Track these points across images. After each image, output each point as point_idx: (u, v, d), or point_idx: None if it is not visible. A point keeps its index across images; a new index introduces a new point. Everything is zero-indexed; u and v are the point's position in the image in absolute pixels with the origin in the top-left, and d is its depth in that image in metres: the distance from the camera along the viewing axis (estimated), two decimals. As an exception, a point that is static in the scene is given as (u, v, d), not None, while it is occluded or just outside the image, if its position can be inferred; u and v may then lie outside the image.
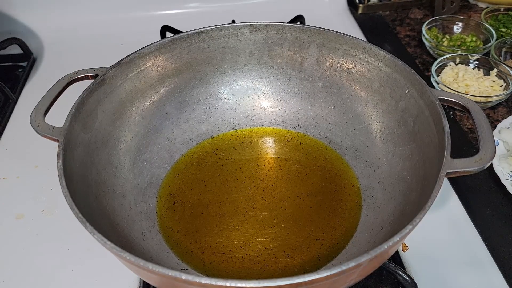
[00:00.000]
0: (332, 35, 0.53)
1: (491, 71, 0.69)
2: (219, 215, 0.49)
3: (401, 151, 0.48)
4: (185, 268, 0.44)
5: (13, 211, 0.55)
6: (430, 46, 0.76)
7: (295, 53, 0.56)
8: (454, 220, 0.52)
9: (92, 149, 0.46)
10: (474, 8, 0.92)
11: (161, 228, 0.48)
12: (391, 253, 0.39)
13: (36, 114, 0.44)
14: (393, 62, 0.49)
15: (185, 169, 0.54)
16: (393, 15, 0.91)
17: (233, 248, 0.46)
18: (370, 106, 0.53)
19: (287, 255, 0.45)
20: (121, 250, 0.32)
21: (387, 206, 0.46)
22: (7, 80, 0.75)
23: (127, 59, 0.50)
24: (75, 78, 0.48)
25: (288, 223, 0.48)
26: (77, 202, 0.36)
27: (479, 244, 0.50)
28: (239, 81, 0.59)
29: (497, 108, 0.67)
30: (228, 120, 0.59)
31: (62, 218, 0.53)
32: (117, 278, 0.47)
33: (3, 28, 0.85)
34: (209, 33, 0.54)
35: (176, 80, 0.56)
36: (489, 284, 0.46)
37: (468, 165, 0.37)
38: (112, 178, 0.48)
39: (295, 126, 0.58)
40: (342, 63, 0.54)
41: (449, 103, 0.43)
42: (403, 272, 0.44)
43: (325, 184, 0.52)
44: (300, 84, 0.58)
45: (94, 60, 0.64)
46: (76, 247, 0.50)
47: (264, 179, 0.53)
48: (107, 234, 0.34)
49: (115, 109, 0.50)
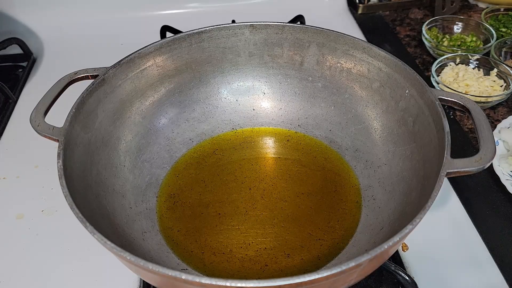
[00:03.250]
0: (332, 35, 0.53)
1: (491, 71, 0.69)
2: (219, 215, 0.49)
3: (401, 151, 0.48)
4: (185, 268, 0.44)
5: (13, 211, 0.55)
6: (430, 46, 0.76)
7: (295, 53, 0.56)
8: (454, 220, 0.52)
9: (92, 149, 0.46)
10: (474, 8, 0.92)
11: (161, 228, 0.48)
12: (391, 253, 0.39)
13: (36, 114, 0.44)
14: (393, 62, 0.49)
15: (185, 169, 0.54)
16: (393, 15, 0.91)
17: (233, 248, 0.46)
18: (370, 106, 0.53)
19: (287, 255, 0.45)
20: (121, 250, 0.32)
21: (387, 206, 0.46)
22: (7, 80, 0.75)
23: (127, 59, 0.50)
24: (75, 78, 0.48)
25: (288, 223, 0.48)
26: (77, 202, 0.36)
27: (479, 244, 0.50)
28: (239, 81, 0.59)
29: (497, 108, 0.67)
30: (228, 120, 0.59)
31: (62, 218, 0.54)
32: (117, 278, 0.47)
33: (3, 28, 0.85)
34: (209, 33, 0.54)
35: (176, 80, 0.56)
36: (489, 284, 0.46)
37: (468, 165, 0.37)
38: (112, 178, 0.48)
39: (295, 126, 0.58)
40: (342, 63, 0.54)
41: (449, 103, 0.43)
42: (403, 272, 0.43)
43: (325, 184, 0.52)
44: (300, 84, 0.58)
45: (94, 60, 0.64)
46: (76, 247, 0.50)
47: (264, 179, 0.53)
48: (107, 234, 0.34)
49: (115, 109, 0.50)
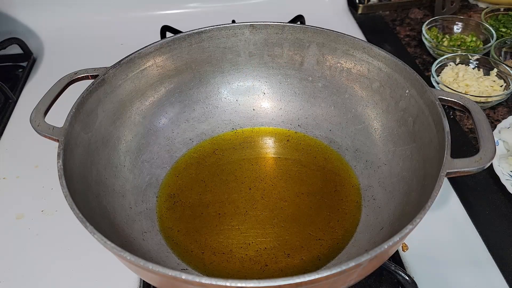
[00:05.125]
0: (332, 35, 0.53)
1: (491, 71, 0.69)
2: (219, 215, 0.49)
3: (401, 151, 0.48)
4: (185, 268, 0.44)
5: (13, 211, 0.55)
6: (430, 46, 0.76)
7: (295, 53, 0.56)
8: (454, 220, 0.52)
9: (92, 149, 0.46)
10: (474, 8, 0.92)
11: (161, 228, 0.48)
12: (391, 253, 0.39)
13: (36, 114, 0.43)
14: (393, 62, 0.49)
15: (185, 169, 0.54)
16: (393, 15, 0.91)
17: (233, 248, 0.46)
18: (370, 106, 0.53)
19: (287, 255, 0.45)
20: (121, 250, 0.32)
21: (387, 206, 0.46)
22: (7, 80, 0.75)
23: (127, 59, 0.50)
24: (75, 78, 0.48)
25: (288, 223, 0.48)
26: (77, 202, 0.36)
27: (479, 244, 0.50)
28: (239, 81, 0.59)
29: (497, 108, 0.67)
30: (228, 120, 0.59)
31: (62, 218, 0.54)
32: (117, 278, 0.47)
33: (3, 28, 0.85)
34: (209, 33, 0.54)
35: (176, 80, 0.56)
36: (489, 284, 0.46)
37: (468, 165, 0.37)
38: (112, 178, 0.48)
39: (295, 126, 0.58)
40: (342, 63, 0.54)
41: (449, 103, 0.43)
42: (403, 272, 0.44)
43: (325, 184, 0.52)
44: (300, 84, 0.58)
45: (94, 60, 0.64)
46: (76, 247, 0.50)
47: (264, 179, 0.53)
48: (107, 234, 0.34)
49: (115, 109, 0.50)
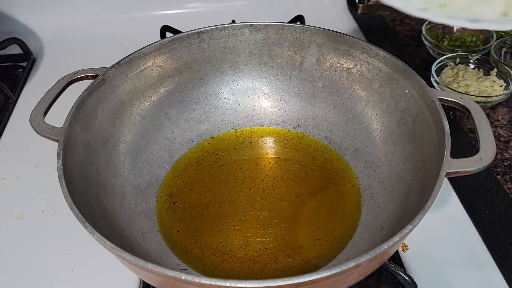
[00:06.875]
0: (332, 35, 0.53)
1: (491, 71, 0.68)
2: (219, 215, 0.49)
3: (401, 151, 0.48)
4: (185, 268, 0.44)
5: (13, 211, 0.55)
6: (430, 46, 0.76)
7: (295, 53, 0.56)
8: (454, 220, 0.52)
9: (92, 149, 0.46)
10: (474, 8, 0.92)
11: (161, 228, 0.48)
12: (391, 253, 0.39)
13: (36, 114, 0.44)
14: (393, 62, 0.49)
15: (185, 169, 0.54)
16: (393, 15, 0.91)
17: (233, 248, 0.46)
18: (370, 106, 0.53)
19: (287, 255, 0.45)
20: (121, 250, 0.32)
21: (387, 206, 0.46)
22: (7, 80, 0.75)
23: (127, 59, 0.50)
24: (75, 78, 0.48)
25: (288, 223, 0.48)
26: (77, 202, 0.36)
27: (479, 244, 0.49)
28: (239, 81, 0.59)
29: (497, 108, 0.67)
30: (228, 120, 0.59)
31: (62, 218, 0.53)
32: (117, 278, 0.47)
33: (3, 28, 0.85)
34: (209, 33, 0.54)
35: (176, 80, 0.56)
36: (489, 284, 0.46)
37: (468, 165, 0.37)
38: (112, 178, 0.48)
39: (295, 126, 0.58)
40: (342, 63, 0.54)
41: (449, 103, 0.43)
42: (403, 272, 0.43)
43: (325, 184, 0.52)
44: (300, 84, 0.58)
45: (94, 60, 0.64)
46: (76, 247, 0.50)
47: (264, 179, 0.53)
48: (107, 234, 0.34)
49: (115, 109, 0.50)
